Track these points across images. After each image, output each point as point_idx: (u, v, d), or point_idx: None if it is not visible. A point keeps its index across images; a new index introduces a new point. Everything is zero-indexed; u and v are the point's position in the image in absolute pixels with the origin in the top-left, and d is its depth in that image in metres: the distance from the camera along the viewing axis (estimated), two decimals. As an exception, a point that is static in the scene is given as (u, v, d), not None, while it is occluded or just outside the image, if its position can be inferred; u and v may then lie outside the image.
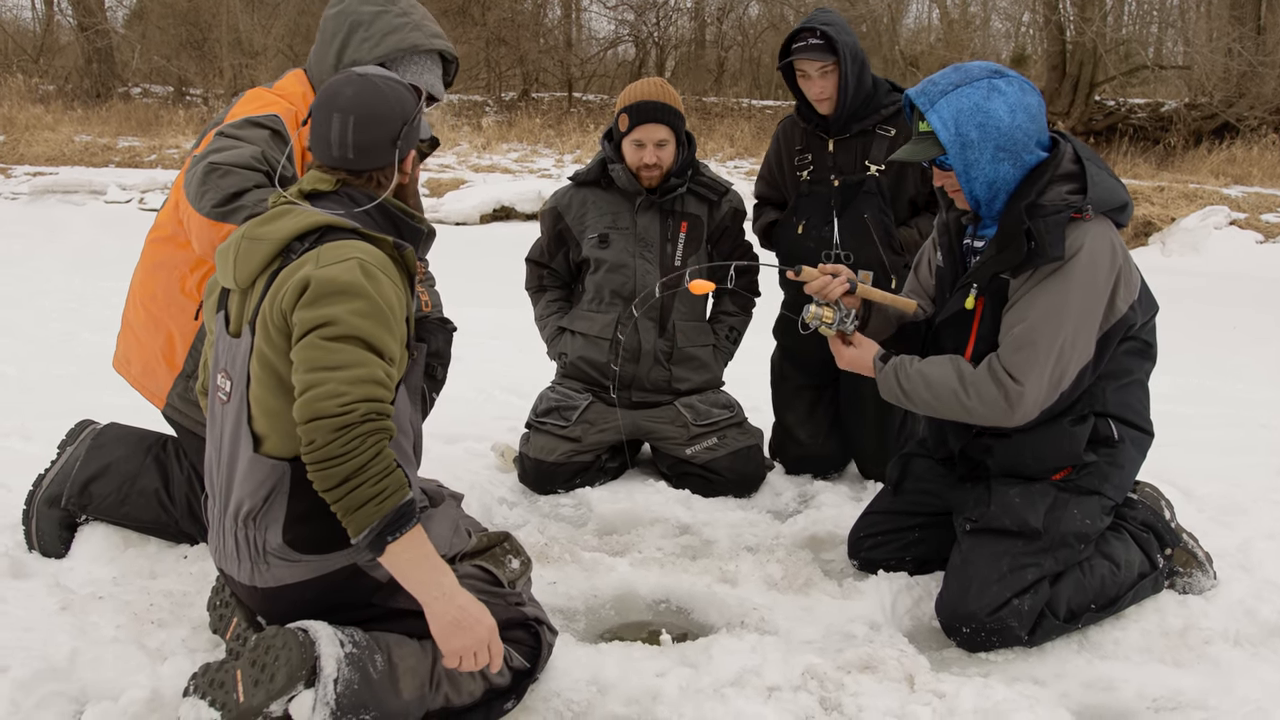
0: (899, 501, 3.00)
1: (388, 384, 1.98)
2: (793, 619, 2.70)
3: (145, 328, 2.90)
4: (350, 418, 1.89)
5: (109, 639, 2.38)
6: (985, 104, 2.49)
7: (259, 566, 2.09)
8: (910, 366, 2.67)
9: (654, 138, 3.54)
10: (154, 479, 2.90)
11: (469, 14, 20.64)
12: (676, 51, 21.68)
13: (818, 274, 2.75)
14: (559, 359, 3.83)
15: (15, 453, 3.68)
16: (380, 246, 2.09)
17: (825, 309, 2.76)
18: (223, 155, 2.54)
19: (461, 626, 1.99)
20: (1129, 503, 2.82)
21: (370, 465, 1.90)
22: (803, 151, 3.67)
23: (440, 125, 18.75)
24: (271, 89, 2.86)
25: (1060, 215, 2.46)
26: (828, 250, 3.58)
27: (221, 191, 2.50)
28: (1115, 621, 2.66)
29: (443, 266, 3.38)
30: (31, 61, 20.99)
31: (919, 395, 2.64)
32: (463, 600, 2.00)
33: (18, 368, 5.21)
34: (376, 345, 1.97)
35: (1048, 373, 2.49)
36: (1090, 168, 2.54)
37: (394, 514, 1.91)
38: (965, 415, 2.59)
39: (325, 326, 1.94)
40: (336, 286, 1.95)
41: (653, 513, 3.42)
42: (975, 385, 2.55)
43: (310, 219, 2.07)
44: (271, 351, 2.01)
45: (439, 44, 2.88)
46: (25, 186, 14.92)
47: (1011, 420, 2.53)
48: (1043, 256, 2.44)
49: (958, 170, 2.55)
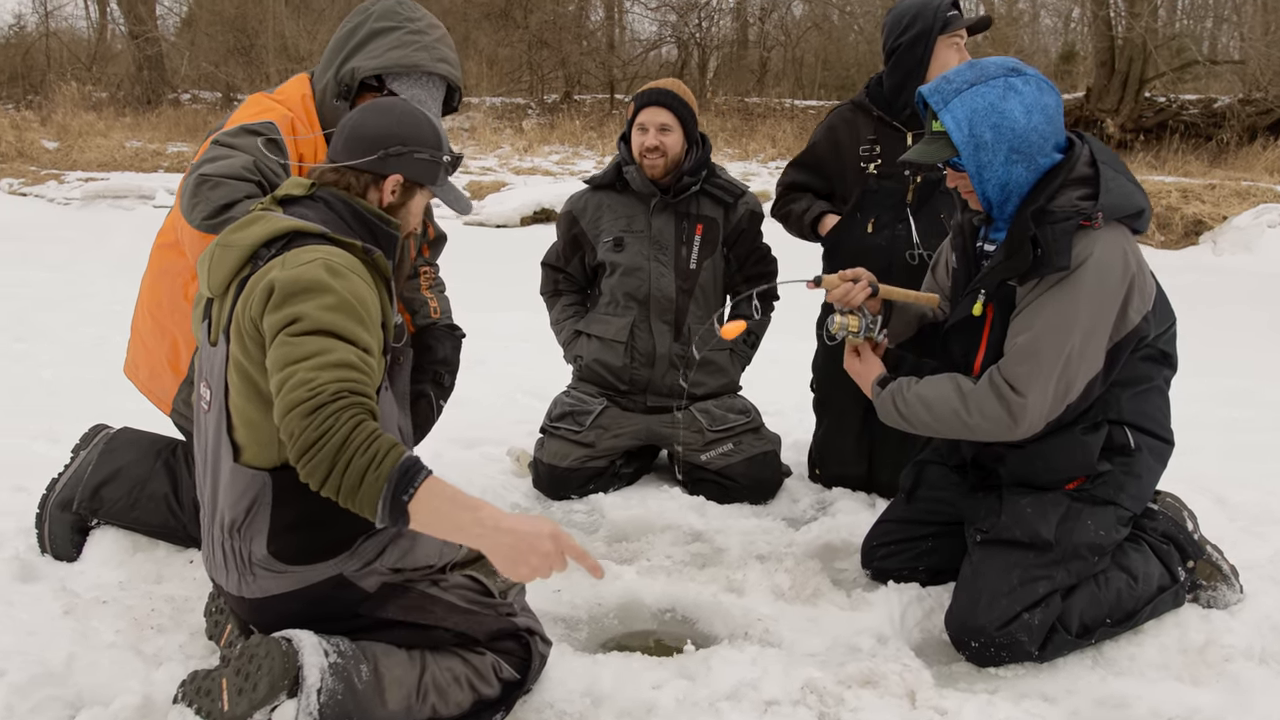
0: (912, 510, 2.94)
1: (361, 367, 1.88)
2: (798, 630, 2.64)
3: (151, 334, 2.92)
4: (321, 397, 1.79)
5: (107, 644, 2.39)
6: (1000, 104, 2.41)
7: (245, 577, 2.08)
8: (908, 390, 2.61)
9: (656, 120, 3.51)
10: (163, 484, 2.91)
11: (511, 17, 20.76)
12: (719, 52, 21.59)
13: (838, 281, 2.69)
14: (574, 362, 3.81)
15: (39, 456, 3.72)
16: (349, 250, 2.06)
17: (850, 317, 2.71)
18: (214, 166, 2.55)
19: (521, 550, 1.80)
20: (1149, 513, 2.74)
21: (353, 436, 1.76)
22: (873, 142, 3.53)
23: (483, 128, 18.88)
24: (272, 94, 2.86)
25: (1069, 223, 2.37)
26: (909, 250, 3.45)
27: (211, 204, 2.50)
28: (1132, 637, 2.58)
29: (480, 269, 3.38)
30: (85, 69, 21.43)
31: (919, 418, 2.58)
32: (511, 523, 1.81)
33: (53, 370, 5.29)
34: (346, 335, 1.90)
35: (1052, 385, 2.41)
36: (1105, 171, 2.45)
37: (397, 472, 1.75)
38: (968, 433, 2.53)
39: (292, 324, 1.89)
40: (301, 285, 1.91)
41: (665, 519, 3.38)
42: (976, 401, 2.48)
43: (277, 224, 2.05)
44: (246, 360, 1.98)
45: (443, 69, 2.83)
46: (77, 192, 15.25)
47: (1015, 435, 2.46)
48: (1049, 265, 2.37)
49: (970, 172, 2.47)
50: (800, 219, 3.66)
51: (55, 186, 15.68)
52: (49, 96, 19.44)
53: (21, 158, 17.32)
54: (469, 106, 20.29)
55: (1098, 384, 2.47)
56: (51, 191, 15.51)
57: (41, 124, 18.49)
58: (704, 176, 3.63)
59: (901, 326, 2.83)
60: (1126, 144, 15.66)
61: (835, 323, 2.72)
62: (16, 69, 21.50)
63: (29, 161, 17.10)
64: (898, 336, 2.84)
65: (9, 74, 21.47)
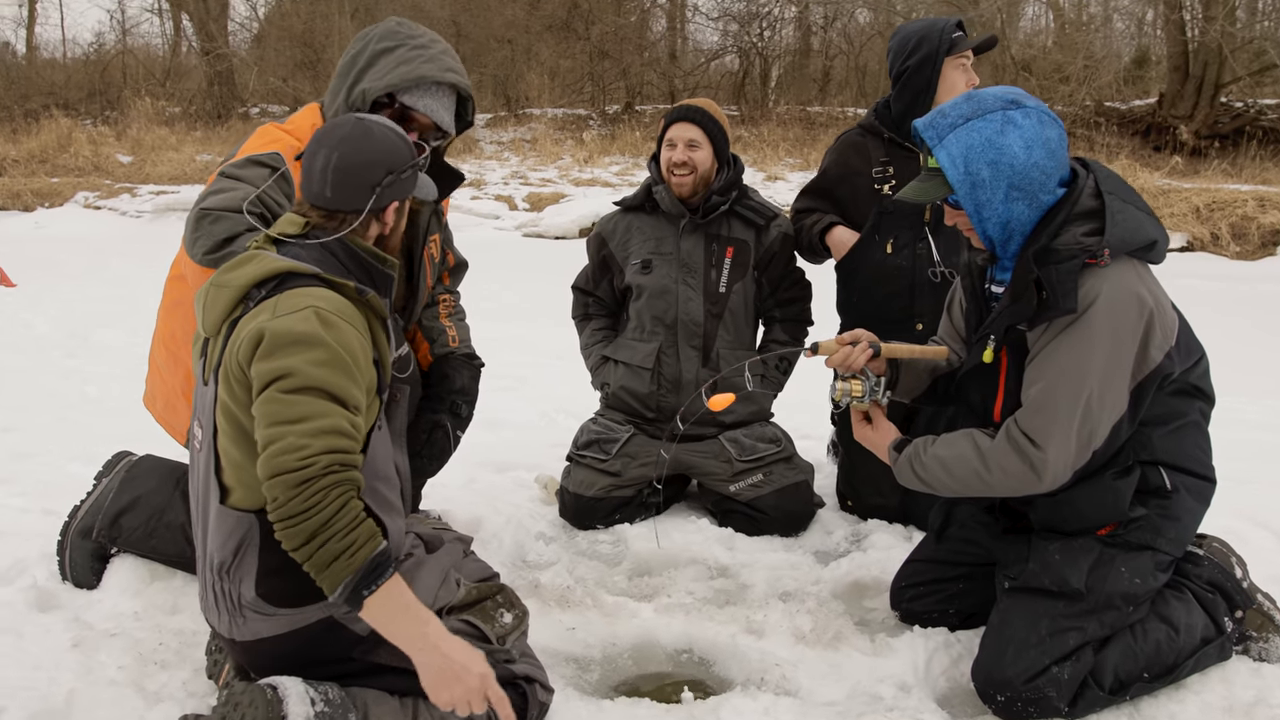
0: (941, 550, 2.81)
1: (352, 434, 1.90)
2: (816, 677, 2.53)
3: (166, 365, 2.92)
4: (311, 470, 1.82)
5: (109, 680, 2.37)
6: (998, 139, 2.28)
7: (235, 619, 2.05)
8: (925, 453, 2.48)
9: (685, 136, 3.46)
10: (180, 513, 2.90)
11: (573, 28, 20.83)
12: (780, 61, 21.41)
13: (837, 346, 2.59)
14: (602, 389, 3.74)
15: (73, 478, 3.74)
16: (342, 292, 2.02)
17: (853, 382, 2.61)
18: (216, 200, 2.54)
19: (450, 675, 1.90)
20: (1193, 559, 2.57)
21: (336, 518, 1.82)
22: (885, 164, 3.46)
23: (544, 139, 18.95)
24: (283, 124, 2.85)
25: (1073, 263, 2.24)
26: (931, 268, 3.36)
27: (213, 238, 2.48)
28: (1173, 693, 2.42)
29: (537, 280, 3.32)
30: (159, 85, 21.98)
31: (939, 481, 2.46)
32: (448, 648, 1.91)
33: (99, 388, 5.38)
34: (338, 394, 1.90)
35: (1073, 435, 2.27)
36: (1112, 203, 2.30)
37: (367, 566, 1.83)
38: (989, 490, 2.40)
39: (283, 379, 1.87)
40: (292, 337, 1.89)
41: (690, 553, 3.29)
42: (997, 459, 2.35)
43: (269, 265, 2.01)
44: (233, 403, 1.96)
45: (452, 78, 2.80)
46: (149, 205, 15.65)
47: (1041, 488, 2.33)
48: (1055, 308, 2.23)
49: (969, 211, 2.35)
50: (809, 232, 3.58)
51: (128, 200, 16.09)
52: (124, 112, 19.99)
53: (97, 171, 17.83)
54: (530, 118, 20.40)
55: (1124, 427, 2.32)
56: (124, 205, 15.93)
57: (117, 139, 19.02)
58: (734, 198, 3.54)
59: (912, 382, 2.71)
60: (1201, 151, 15.16)
61: (837, 389, 2.62)
62: (95, 85, 22.14)
63: (104, 175, 17.59)
64: (910, 393, 2.73)
65: (88, 90, 22.11)
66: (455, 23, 21.18)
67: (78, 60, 24.01)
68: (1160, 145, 15.65)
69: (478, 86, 21.04)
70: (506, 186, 16.23)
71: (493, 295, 9.08)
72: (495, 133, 20.11)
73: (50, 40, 27.00)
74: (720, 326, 3.57)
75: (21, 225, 14.79)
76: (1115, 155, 14.87)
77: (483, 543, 3.29)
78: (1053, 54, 17.91)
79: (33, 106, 20.76)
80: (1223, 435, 4.57)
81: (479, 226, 14.30)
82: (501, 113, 21.07)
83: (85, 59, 23.73)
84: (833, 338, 2.63)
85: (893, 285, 3.39)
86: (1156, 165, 14.45)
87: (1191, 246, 11.87)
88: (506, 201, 15.41)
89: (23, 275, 9.36)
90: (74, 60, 24.13)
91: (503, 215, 14.86)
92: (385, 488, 2.10)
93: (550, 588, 2.94)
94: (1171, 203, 12.39)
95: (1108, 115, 16.41)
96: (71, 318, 7.51)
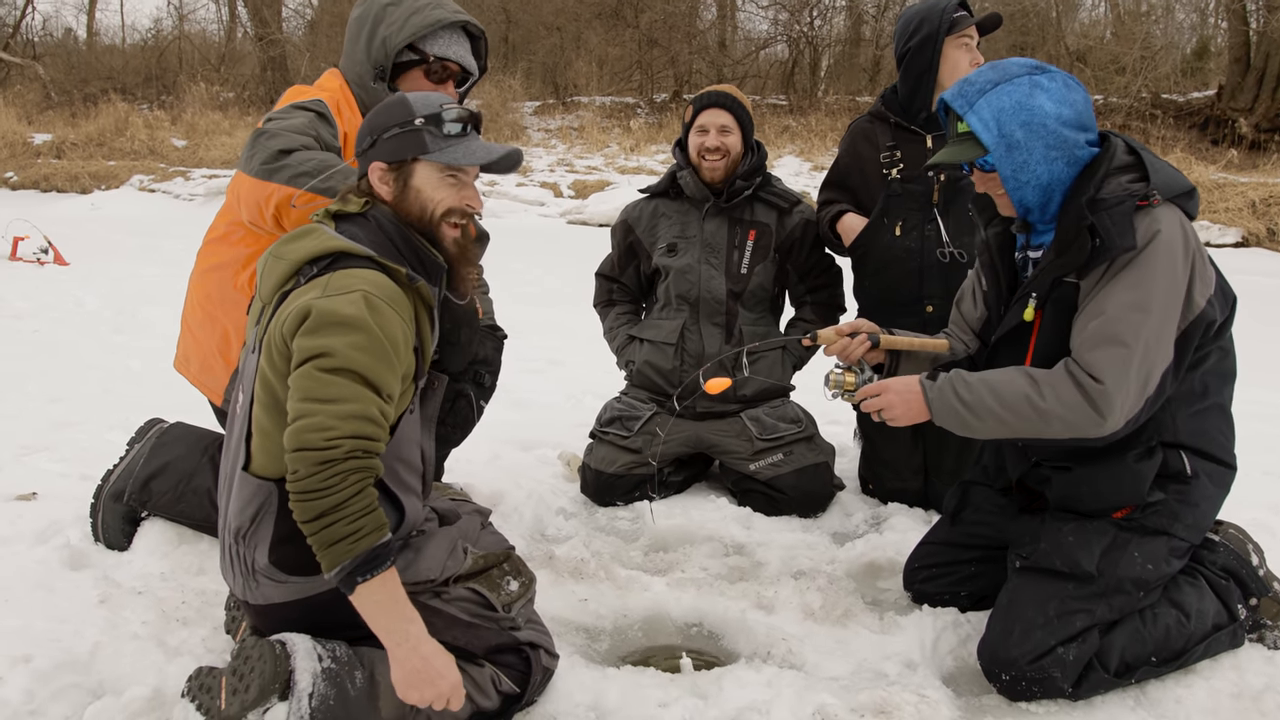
0: (956, 532, 2.80)
1: (380, 421, 1.95)
2: (822, 652, 2.54)
3: (202, 326, 3.00)
4: (335, 453, 1.87)
5: (132, 635, 2.44)
6: (1028, 101, 2.29)
7: (249, 583, 2.10)
8: (968, 376, 2.39)
9: (716, 123, 3.48)
10: (207, 478, 2.98)
11: (622, 16, 20.84)
12: (831, 50, 21.25)
13: (835, 336, 2.61)
14: (626, 368, 3.77)
15: (112, 445, 3.86)
16: (393, 277, 2.06)
17: (847, 374, 2.62)
18: (270, 125, 2.66)
19: (423, 678, 1.93)
20: (1208, 545, 2.54)
21: (349, 503, 1.87)
22: (892, 149, 3.47)
23: (591, 127, 19.00)
24: (313, 86, 2.94)
25: (1126, 205, 2.23)
26: (940, 249, 3.36)
27: (268, 150, 2.58)
28: (1181, 678, 2.40)
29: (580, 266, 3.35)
30: (214, 70, 22.35)
31: (984, 406, 2.34)
32: (427, 651, 1.95)
33: (143, 361, 5.51)
34: (373, 380, 1.95)
35: (1133, 372, 2.21)
36: (1147, 156, 2.31)
37: (367, 555, 1.88)
38: (1043, 425, 2.28)
39: (322, 357, 1.92)
40: (338, 318, 1.94)
41: (707, 530, 3.31)
42: (1052, 387, 2.27)
43: (325, 243, 2.06)
44: (272, 373, 2.01)
45: (461, 17, 2.93)
46: (201, 189, 15.94)
47: (1102, 428, 2.23)
48: (1113, 249, 2.21)
49: (1004, 175, 2.35)
50: (823, 224, 3.61)
51: (181, 183, 16.41)
52: (180, 96, 20.36)
53: (152, 155, 18.19)
54: (578, 105, 20.45)
55: (1169, 380, 2.27)
56: (177, 188, 16.24)
57: (172, 123, 19.38)
58: (758, 184, 3.57)
59: (914, 372, 2.69)
60: (1260, 144, 14.83)
61: (831, 380, 2.62)
62: (151, 70, 22.59)
63: (159, 159, 17.95)
64: None
65: (144, 75, 22.57)
66: (505, 9, 21.30)
67: (136, 46, 24.52)
68: (1218, 139, 15.34)
69: (526, 74, 21.16)
70: (553, 174, 16.31)
71: (535, 280, 9.16)
72: (543, 120, 20.20)
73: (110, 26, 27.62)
74: (741, 305, 3.59)
75: (78, 207, 15.15)
76: (1171, 148, 14.60)
77: (503, 516, 3.34)
78: (1110, 45, 17.61)
79: (91, 91, 21.22)
80: (1265, 429, 4.52)
81: (524, 213, 14.40)
82: (550, 100, 21.16)
83: (143, 44, 24.21)
84: (831, 328, 2.65)
85: (902, 268, 3.39)
86: (1213, 159, 14.16)
87: (1246, 242, 11.64)
88: (552, 188, 15.50)
89: (76, 255, 9.60)
90: (132, 46, 24.65)
91: (548, 202, 14.94)
92: (406, 471, 2.15)
93: (565, 560, 2.98)
94: (1227, 197, 12.14)
95: (1164, 107, 16.10)
96: (120, 295, 7.69)
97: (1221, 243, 11.44)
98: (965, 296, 2.77)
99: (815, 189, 3.86)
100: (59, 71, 22.58)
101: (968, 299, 2.76)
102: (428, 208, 2.19)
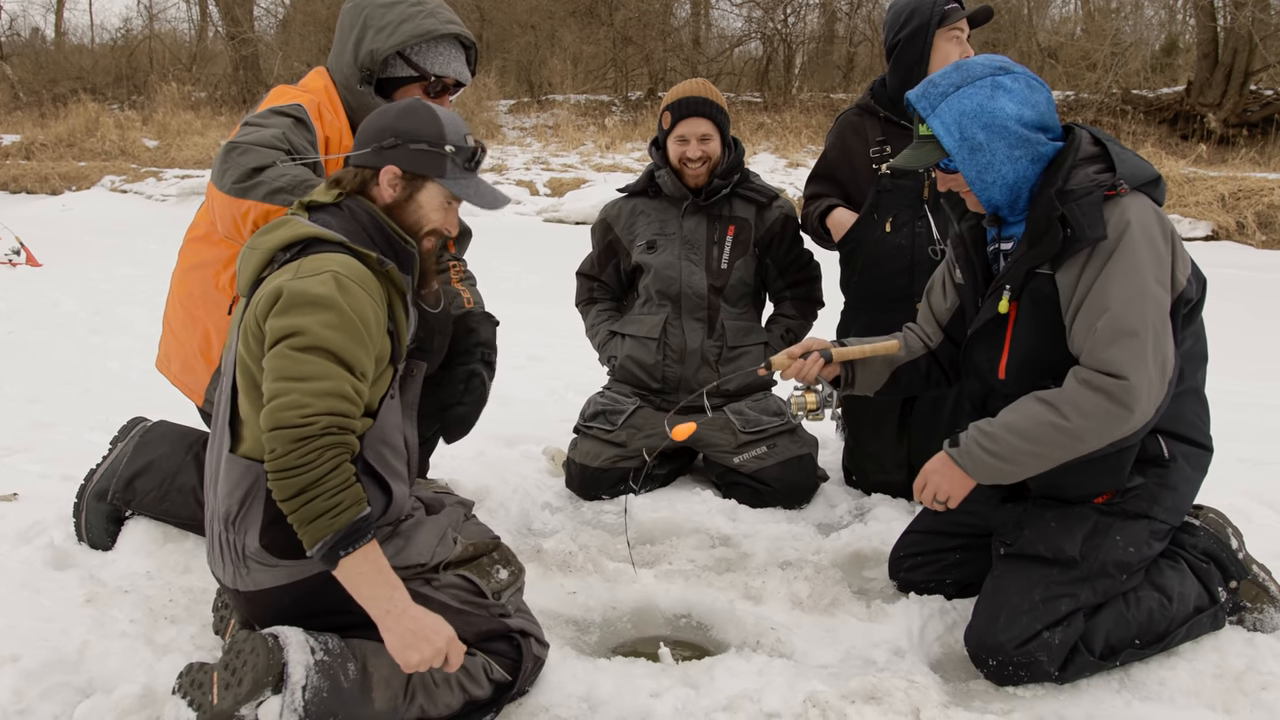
0: (940, 521, 2.83)
1: (353, 399, 1.97)
2: (811, 641, 2.57)
3: (184, 325, 2.98)
4: (310, 429, 1.89)
5: (120, 633, 2.43)
6: (989, 104, 2.32)
7: (240, 570, 2.10)
8: (988, 425, 2.39)
9: (696, 131, 3.48)
10: (191, 476, 2.97)
11: (596, 14, 20.83)
12: (805, 47, 21.32)
13: (788, 360, 2.67)
14: (609, 363, 3.79)
15: (92, 445, 3.84)
16: (364, 261, 2.08)
17: (808, 395, 2.71)
18: (243, 136, 2.62)
19: (418, 636, 1.96)
20: (1188, 529, 2.59)
21: (327, 479, 1.89)
22: (881, 143, 3.48)
23: (566, 125, 18.98)
24: (296, 86, 2.91)
25: (1094, 195, 2.27)
26: (931, 246, 3.38)
27: (241, 168, 2.55)
28: (1164, 660, 2.44)
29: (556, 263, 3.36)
30: (185, 70, 22.17)
31: (1014, 450, 2.32)
32: (416, 613, 1.97)
33: (122, 362, 5.48)
34: (345, 358, 1.96)
35: (1150, 359, 2.22)
36: (1112, 147, 2.35)
37: (348, 529, 1.90)
38: (1077, 443, 2.27)
39: (294, 336, 1.94)
40: (309, 298, 1.96)
41: (693, 523, 3.33)
42: (1071, 404, 2.26)
43: (298, 230, 2.09)
44: (248, 356, 2.04)
45: (454, 29, 2.88)
46: (174, 189, 15.81)
47: (1132, 423, 2.23)
48: (1083, 239, 2.24)
49: (969, 176, 2.38)
50: (812, 219, 3.62)
51: (153, 184, 16.27)
52: (151, 96, 20.19)
53: (124, 156, 18.02)
54: (553, 104, 20.43)
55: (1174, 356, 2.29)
56: (150, 188, 16.11)
57: (143, 123, 19.21)
58: (736, 180, 3.60)
59: (872, 378, 2.76)
60: (1229, 139, 15.01)
61: (793, 404, 2.72)
62: (122, 70, 22.37)
63: (130, 159, 17.78)
64: (871, 387, 2.78)
65: (115, 75, 22.35)
66: (479, 8, 21.23)
67: (105, 45, 24.28)
68: (1187, 134, 15.51)
69: (501, 72, 21.11)
70: (528, 172, 16.29)
71: (513, 278, 9.15)
72: (518, 118, 20.16)
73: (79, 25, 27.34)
74: (723, 300, 3.61)
75: (49, 208, 15.01)
76: (1141, 143, 14.75)
77: (489, 511, 3.35)
78: (1080, 41, 17.77)
79: (61, 91, 21.00)
80: (1239, 418, 4.59)
81: (500, 212, 14.37)
82: (524, 98, 21.12)
83: (113, 44, 23.98)
84: (783, 352, 2.70)
85: (892, 264, 3.41)
86: (1183, 154, 14.31)
87: (1216, 235, 11.77)
88: (528, 187, 15.48)
89: (49, 256, 9.51)
90: (102, 45, 24.41)
91: (524, 200, 14.92)
92: (392, 455, 2.16)
93: (553, 553, 2.99)
94: (1196, 191, 12.28)
95: (1134, 103, 16.27)
96: (96, 296, 7.64)
97: (1192, 236, 11.57)
98: (935, 288, 2.80)
99: (791, 185, 3.90)
100: (27, 71, 22.32)
101: (937, 290, 2.79)
102: (422, 223, 2.26)
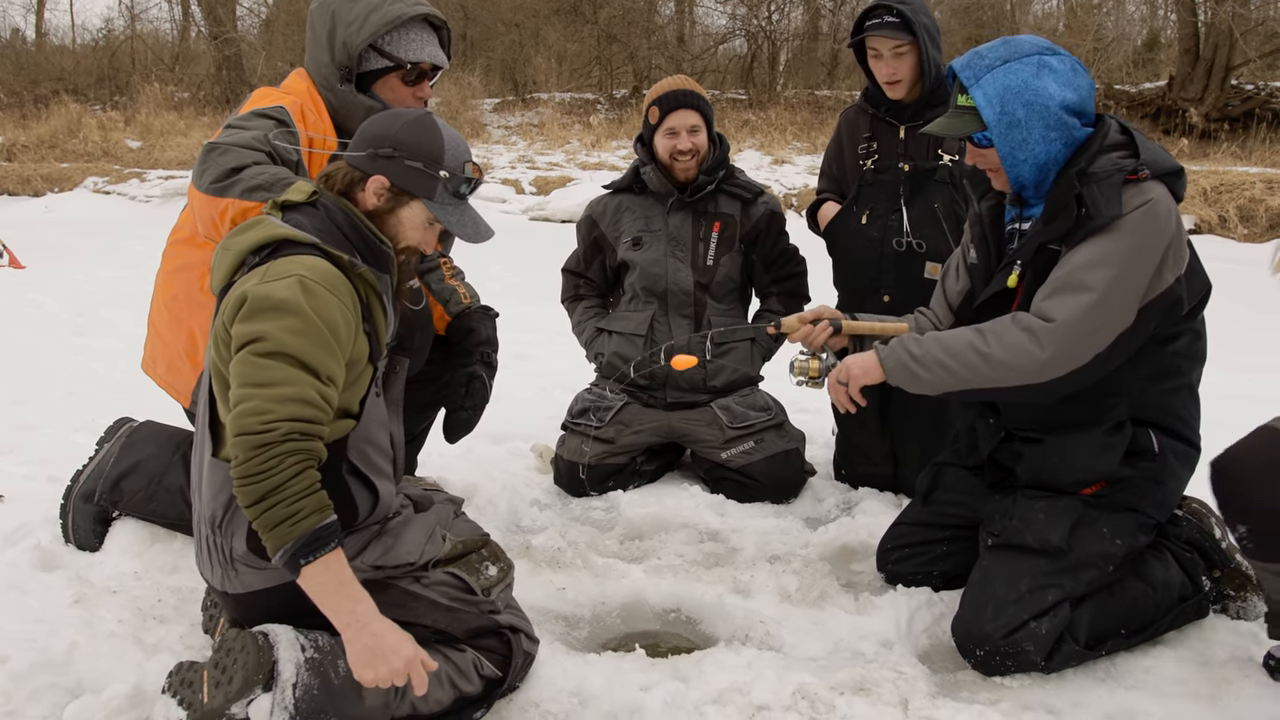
0: (928, 513, 2.85)
1: (319, 404, 1.94)
2: (800, 634, 2.58)
3: (169, 327, 2.97)
4: (271, 436, 1.87)
5: (109, 634, 2.43)
6: (1034, 81, 2.34)
7: (228, 573, 2.10)
8: (922, 336, 2.49)
9: (686, 124, 3.49)
10: (179, 476, 2.96)
11: (580, 12, 20.79)
12: (789, 45, 21.35)
13: (798, 324, 2.68)
14: (596, 360, 3.79)
15: (79, 447, 3.81)
16: (335, 263, 2.06)
17: (811, 361, 2.69)
18: (224, 138, 2.61)
19: (375, 655, 1.92)
20: (1172, 519, 2.61)
21: (287, 485, 1.86)
22: (869, 139, 3.53)
23: (551, 123, 18.95)
24: (278, 88, 2.90)
25: (1114, 178, 2.29)
26: (898, 238, 3.42)
27: (220, 168, 2.53)
28: (1149, 648, 2.46)
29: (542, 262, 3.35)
30: (168, 70, 22.05)
31: (931, 357, 2.41)
32: (379, 628, 1.94)
33: (106, 364, 5.45)
34: (309, 363, 1.94)
35: (1085, 314, 2.26)
36: (1139, 136, 2.39)
37: (309, 536, 1.87)
38: (988, 369, 2.34)
39: (257, 342, 1.92)
40: (271, 303, 1.94)
41: (682, 518, 3.34)
42: (996, 334, 2.35)
43: (270, 232, 2.06)
44: (219, 360, 2.02)
45: (423, 9, 2.86)
46: (157, 190, 15.72)
47: (1042, 372, 2.29)
48: (1098, 217, 2.27)
49: (1002, 152, 2.40)
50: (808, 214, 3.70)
51: (137, 185, 16.17)
52: (133, 97, 20.06)
53: (106, 157, 17.90)
54: (538, 102, 20.40)
55: (1124, 344, 2.31)
56: (133, 190, 16.01)
57: (126, 124, 19.08)
58: (722, 177, 3.61)
59: None
60: (1210, 134, 15.09)
61: (795, 367, 2.71)
62: (104, 71, 22.22)
63: (113, 160, 17.67)
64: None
65: (96, 76, 22.20)
66: (463, 6, 21.19)
67: (87, 46, 24.12)
68: (1170, 128, 15.59)
69: (485, 70, 21.07)
70: (514, 170, 16.26)
71: (498, 276, 9.12)
72: (502, 117, 20.13)
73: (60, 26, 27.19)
74: (710, 297, 3.63)
75: (31, 210, 14.90)
76: (1123, 138, 14.79)
77: (478, 509, 3.35)
78: (1063, 37, 17.84)
79: (42, 92, 20.85)
80: (1228, 410, 4.61)
81: (486, 210, 14.32)
82: (509, 97, 21.09)
83: (94, 44, 23.83)
84: (794, 315, 2.72)
85: (864, 255, 3.48)
86: (1165, 148, 14.38)
87: (1199, 229, 11.84)
88: (513, 185, 15.45)
89: (32, 258, 9.44)
90: (83, 46, 24.25)
91: (509, 199, 14.90)
92: (376, 454, 2.16)
93: (542, 550, 2.99)
94: (1179, 185, 12.36)
95: (1117, 98, 16.34)
96: (79, 297, 7.59)
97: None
98: (949, 272, 2.81)
99: (777, 182, 3.95)
100: (7, 72, 22.14)
101: (950, 274, 2.80)
102: (399, 238, 2.24)
